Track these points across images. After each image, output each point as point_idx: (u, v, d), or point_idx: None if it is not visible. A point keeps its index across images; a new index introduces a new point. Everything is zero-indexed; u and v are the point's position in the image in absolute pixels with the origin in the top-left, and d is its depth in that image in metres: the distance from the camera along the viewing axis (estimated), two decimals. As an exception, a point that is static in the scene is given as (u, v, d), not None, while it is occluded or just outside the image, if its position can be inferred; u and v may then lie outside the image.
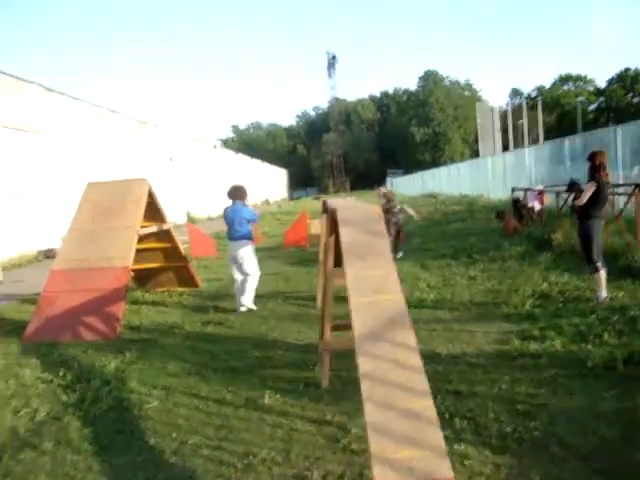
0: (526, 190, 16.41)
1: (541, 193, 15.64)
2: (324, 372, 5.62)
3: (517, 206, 16.27)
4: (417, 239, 17.64)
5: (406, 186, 57.77)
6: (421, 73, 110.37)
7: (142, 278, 11.44)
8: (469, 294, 9.31)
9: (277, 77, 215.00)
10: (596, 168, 7.86)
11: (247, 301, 9.39)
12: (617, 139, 15.46)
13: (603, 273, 7.93)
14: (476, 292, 9.44)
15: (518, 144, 70.50)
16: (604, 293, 7.96)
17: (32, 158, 20.40)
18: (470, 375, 5.73)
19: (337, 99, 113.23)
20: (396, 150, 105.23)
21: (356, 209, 5.70)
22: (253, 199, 63.06)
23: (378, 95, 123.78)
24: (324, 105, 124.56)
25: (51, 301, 8.48)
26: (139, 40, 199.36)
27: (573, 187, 8.49)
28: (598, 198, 7.82)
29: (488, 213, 21.83)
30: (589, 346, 6.18)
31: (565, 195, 14.23)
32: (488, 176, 30.24)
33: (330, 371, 5.69)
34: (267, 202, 67.93)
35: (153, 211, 10.28)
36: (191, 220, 32.08)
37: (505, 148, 64.70)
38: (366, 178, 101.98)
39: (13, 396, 5.82)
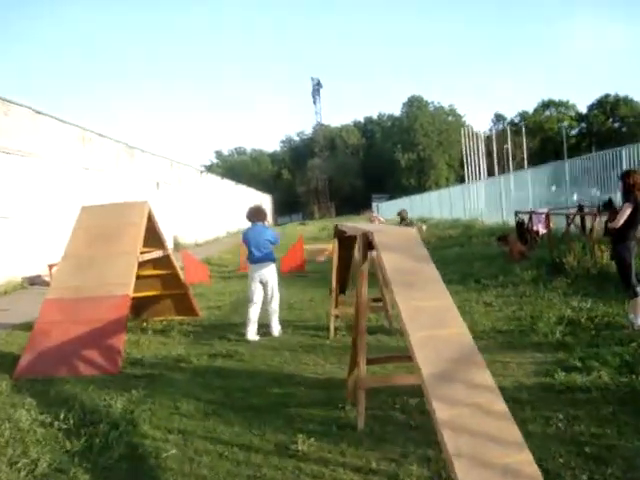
0: (531, 213, 16.00)
1: (547, 216, 15.21)
2: (360, 412, 5.04)
3: (522, 230, 15.85)
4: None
5: (393, 210, 57.24)
6: (405, 99, 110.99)
7: (138, 307, 10.77)
8: (489, 321, 8.83)
9: (260, 103, 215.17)
10: (631, 188, 7.39)
11: (275, 325, 9.19)
12: (622, 159, 15.17)
13: (640, 298, 7.46)
14: (496, 319, 8.96)
15: (502, 169, 70.91)
16: (640, 319, 7.49)
17: (18, 181, 19.72)
18: (518, 412, 5.15)
19: (322, 124, 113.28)
20: (381, 175, 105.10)
21: (393, 232, 5.21)
22: (238, 225, 62.56)
23: (362, 121, 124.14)
24: (308, 131, 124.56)
25: (45, 333, 7.84)
26: (122, 64, 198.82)
27: (608, 208, 7.99)
28: (634, 219, 7.36)
29: (486, 237, 21.44)
30: (640, 378, 5.70)
31: (578, 217, 13.89)
32: (481, 200, 29.93)
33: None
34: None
35: (153, 236, 9.70)
36: (178, 246, 31.42)
37: (490, 173, 65.00)
38: (351, 203, 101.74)
39: (8, 443, 5.14)
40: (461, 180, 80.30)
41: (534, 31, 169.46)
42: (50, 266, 17.77)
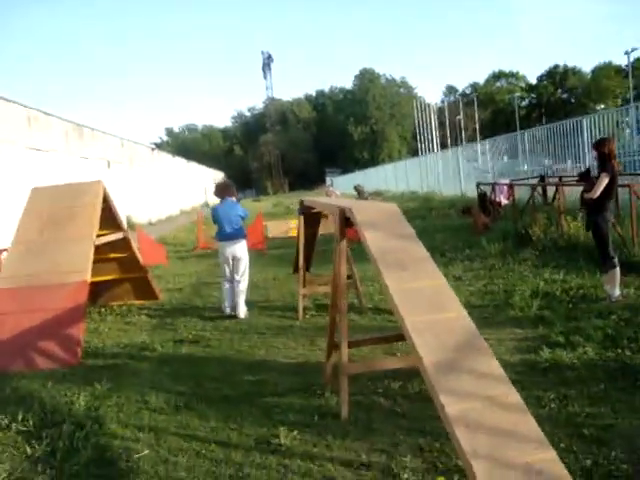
0: (493, 185, 15.86)
1: (511, 187, 15.06)
2: (343, 400, 4.75)
3: (484, 201, 15.72)
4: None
5: (348, 185, 56.82)
6: (357, 72, 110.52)
7: (95, 292, 10.24)
8: (462, 296, 8.48)
9: (211, 78, 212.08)
10: (607, 157, 7.17)
11: (242, 305, 8.79)
12: (583, 129, 15.13)
13: (618, 269, 7.31)
14: (469, 294, 8.77)
15: (455, 140, 71.24)
16: (617, 291, 7.34)
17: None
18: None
19: (273, 99, 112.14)
20: (334, 149, 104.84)
21: (374, 208, 4.89)
22: (192, 202, 61.64)
23: (314, 94, 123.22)
24: (260, 106, 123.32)
25: (-2, 325, 7.35)
26: (69, 39, 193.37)
27: (585, 177, 7.77)
28: (610, 190, 7.17)
29: (447, 209, 21.33)
30: (627, 352, 5.54)
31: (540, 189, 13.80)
32: (437, 172, 29.83)
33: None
34: (207, 205, 66.41)
35: (109, 217, 9.23)
36: (131, 226, 30.65)
37: (443, 145, 65.23)
38: (305, 178, 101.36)
39: (-39, 450, 4.74)
40: (414, 153, 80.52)
41: (485, 2, 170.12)
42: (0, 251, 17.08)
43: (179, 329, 8.23)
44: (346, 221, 4.91)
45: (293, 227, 18.54)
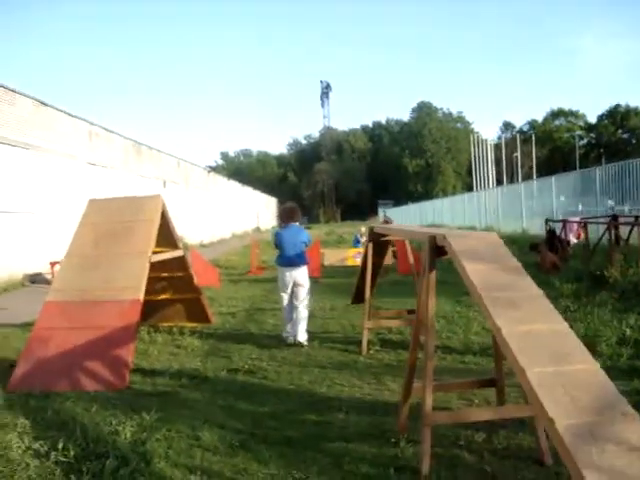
0: (564, 221, 15.04)
1: (585, 225, 14.24)
2: (424, 453, 4.11)
3: (553, 239, 14.91)
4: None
5: (401, 217, 56.35)
6: (413, 104, 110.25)
7: (146, 311, 9.82)
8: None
9: (268, 104, 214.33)
10: None
11: (302, 332, 8.44)
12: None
13: None
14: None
15: (510, 178, 70.02)
16: None
17: (21, 175, 18.86)
18: None
19: (329, 128, 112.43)
20: (387, 181, 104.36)
21: (473, 237, 4.28)
22: (244, 226, 61.69)
23: (370, 125, 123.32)
24: (316, 134, 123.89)
25: (44, 340, 6.91)
26: (130, 61, 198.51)
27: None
28: None
29: (509, 246, 20.49)
30: None
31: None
32: (496, 208, 28.98)
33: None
34: (258, 230, 66.46)
35: (166, 234, 8.80)
36: (185, 246, 30.53)
37: (498, 181, 64.13)
38: (357, 208, 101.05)
39: (-5, 479, 4.26)
40: (468, 188, 79.51)
41: (546, 40, 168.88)
42: (52, 264, 16.96)
43: (233, 357, 7.69)
44: (437, 250, 4.33)
45: (350, 256, 18.04)
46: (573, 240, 15.00)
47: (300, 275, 8.55)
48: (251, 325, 9.99)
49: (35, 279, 18.47)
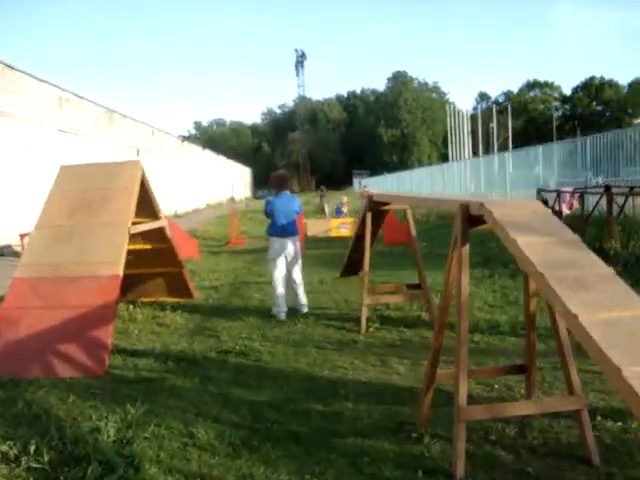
0: (558, 192, 14.53)
1: (581, 196, 13.74)
2: (458, 454, 3.56)
3: (545, 209, 14.41)
4: (421, 243, 15.69)
5: (378, 187, 55.61)
6: (389, 74, 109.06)
7: (124, 286, 9.17)
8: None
9: (241, 73, 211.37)
10: None
11: (303, 297, 8.45)
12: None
13: None
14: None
15: (486, 148, 69.62)
16: None
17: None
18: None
19: (304, 97, 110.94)
20: (363, 151, 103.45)
21: (515, 206, 3.69)
22: (219, 196, 60.66)
23: (345, 95, 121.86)
24: (290, 103, 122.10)
25: (13, 321, 6.22)
26: (100, 26, 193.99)
27: None
28: None
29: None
30: None
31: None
32: (480, 177, 28.45)
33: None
34: (233, 200, 65.46)
35: (145, 203, 8.11)
36: (160, 217, 29.71)
37: (474, 152, 63.71)
38: (332, 179, 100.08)
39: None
40: (444, 158, 78.97)
41: (522, 11, 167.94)
42: (22, 235, 16.10)
43: (221, 336, 7.09)
44: (470, 220, 3.74)
45: (334, 227, 17.47)
46: (566, 211, 14.51)
47: (293, 244, 8.35)
48: (236, 300, 9.40)
49: (3, 252, 17.62)
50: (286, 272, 8.29)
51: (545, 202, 14.48)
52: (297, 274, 8.40)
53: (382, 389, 5.14)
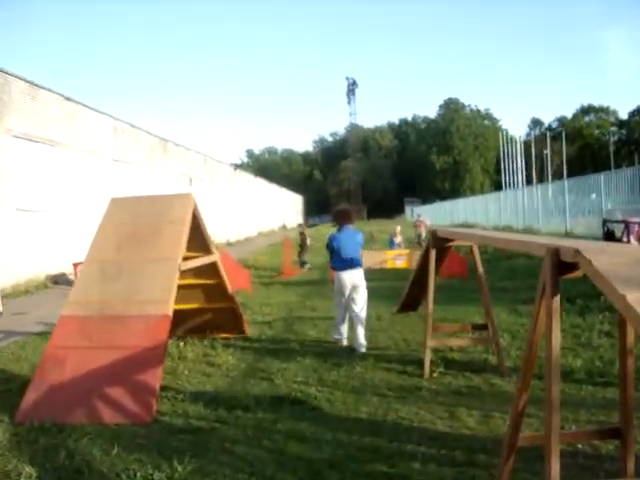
0: (626, 222, 13.80)
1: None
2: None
3: (612, 241, 13.70)
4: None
5: (432, 215, 54.78)
6: (440, 101, 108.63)
7: (173, 321, 8.90)
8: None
9: (293, 101, 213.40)
10: None
11: (362, 337, 8.14)
12: None
13: None
14: None
15: (540, 176, 68.27)
16: None
17: (43, 172, 18.06)
18: None
19: (356, 125, 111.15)
20: (414, 179, 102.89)
21: (614, 253, 3.20)
22: (271, 224, 60.80)
23: (397, 122, 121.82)
24: (342, 131, 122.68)
25: (59, 361, 5.94)
26: (153, 59, 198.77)
27: None
28: None
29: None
30: None
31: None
32: (537, 207, 27.61)
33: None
34: (284, 228, 65.55)
35: (197, 237, 7.82)
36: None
37: (527, 180, 62.54)
38: (383, 206, 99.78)
39: None
40: (497, 186, 77.84)
41: (574, 34, 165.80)
42: (75, 265, 16.17)
43: (276, 379, 6.67)
44: (560, 267, 3.28)
45: (389, 259, 17.01)
46: (634, 242, 13.78)
47: (359, 278, 8.33)
48: (291, 337, 8.99)
49: (58, 280, 17.72)
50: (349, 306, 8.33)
51: (612, 234, 13.80)
52: (360, 309, 8.30)
53: (452, 446, 4.64)
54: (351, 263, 8.27)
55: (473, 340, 7.43)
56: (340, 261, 8.30)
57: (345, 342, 8.39)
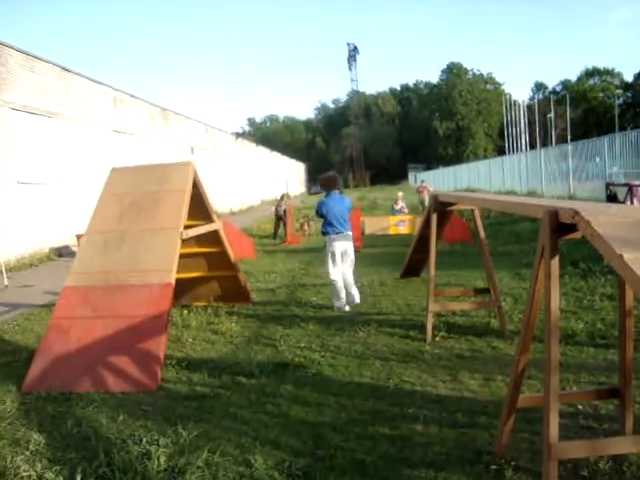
0: (630, 185, 13.72)
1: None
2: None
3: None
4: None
5: (435, 181, 54.70)
6: (442, 66, 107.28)
7: (176, 291, 8.94)
8: None
9: (294, 69, 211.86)
10: None
11: (357, 293, 8.69)
12: None
13: None
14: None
15: (543, 140, 67.79)
16: None
17: (43, 145, 17.99)
18: None
19: (357, 92, 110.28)
20: (417, 145, 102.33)
21: (618, 215, 3.19)
22: (273, 193, 60.65)
23: (399, 88, 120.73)
24: (343, 98, 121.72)
25: (64, 332, 5.99)
26: (154, 28, 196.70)
27: None
28: None
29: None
30: None
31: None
32: (541, 171, 27.43)
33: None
34: (287, 196, 65.44)
35: (198, 205, 7.83)
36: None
37: (531, 144, 62.13)
38: (386, 173, 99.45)
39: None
40: (500, 151, 77.34)
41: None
42: (78, 236, 16.15)
43: (280, 346, 6.72)
44: (559, 229, 3.28)
45: (392, 225, 17.00)
46: (637, 205, 13.74)
47: (348, 243, 8.64)
48: (294, 304, 9.03)
49: (61, 252, 17.76)
50: (340, 268, 8.56)
51: (615, 197, 13.77)
52: (350, 272, 8.65)
53: (454, 409, 4.68)
54: (340, 227, 8.51)
55: (475, 304, 7.45)
56: (330, 226, 8.54)
57: (347, 308, 8.48)
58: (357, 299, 8.60)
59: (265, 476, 3.72)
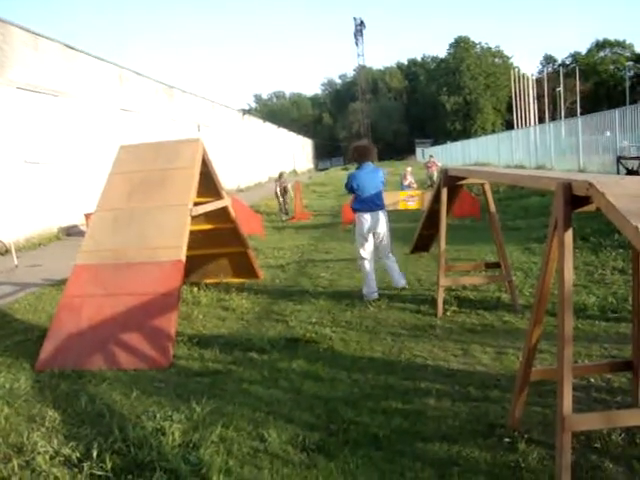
0: (644, 159, 13.60)
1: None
2: (562, 468, 3.10)
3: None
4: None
5: (443, 156, 54.48)
6: (450, 40, 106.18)
7: (185, 268, 8.95)
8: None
9: (300, 44, 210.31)
10: None
11: (400, 276, 7.99)
12: None
13: None
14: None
15: (552, 114, 67.20)
16: None
17: (49, 124, 17.96)
18: None
19: (364, 67, 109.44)
20: (425, 120, 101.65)
21: (633, 187, 3.15)
22: (281, 169, 60.58)
23: (406, 63, 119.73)
24: (350, 73, 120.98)
25: (75, 310, 6.02)
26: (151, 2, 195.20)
27: None
28: None
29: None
30: None
31: None
32: (550, 145, 27.23)
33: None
34: (295, 173, 65.34)
35: (207, 181, 7.81)
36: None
37: (540, 118, 61.63)
38: (394, 148, 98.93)
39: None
40: (508, 125, 76.77)
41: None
42: (87, 215, 16.19)
43: (291, 321, 6.73)
44: (573, 201, 3.25)
45: (401, 200, 16.93)
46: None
47: (382, 218, 7.83)
48: (304, 280, 9.03)
49: (71, 232, 17.81)
50: (374, 249, 7.90)
51: (634, 172, 13.64)
52: (389, 249, 8.00)
53: (466, 383, 4.69)
54: (374, 203, 7.78)
55: (486, 278, 7.43)
56: (362, 202, 7.78)
57: (376, 295, 7.58)
58: (402, 282, 7.92)
59: (279, 450, 3.74)
